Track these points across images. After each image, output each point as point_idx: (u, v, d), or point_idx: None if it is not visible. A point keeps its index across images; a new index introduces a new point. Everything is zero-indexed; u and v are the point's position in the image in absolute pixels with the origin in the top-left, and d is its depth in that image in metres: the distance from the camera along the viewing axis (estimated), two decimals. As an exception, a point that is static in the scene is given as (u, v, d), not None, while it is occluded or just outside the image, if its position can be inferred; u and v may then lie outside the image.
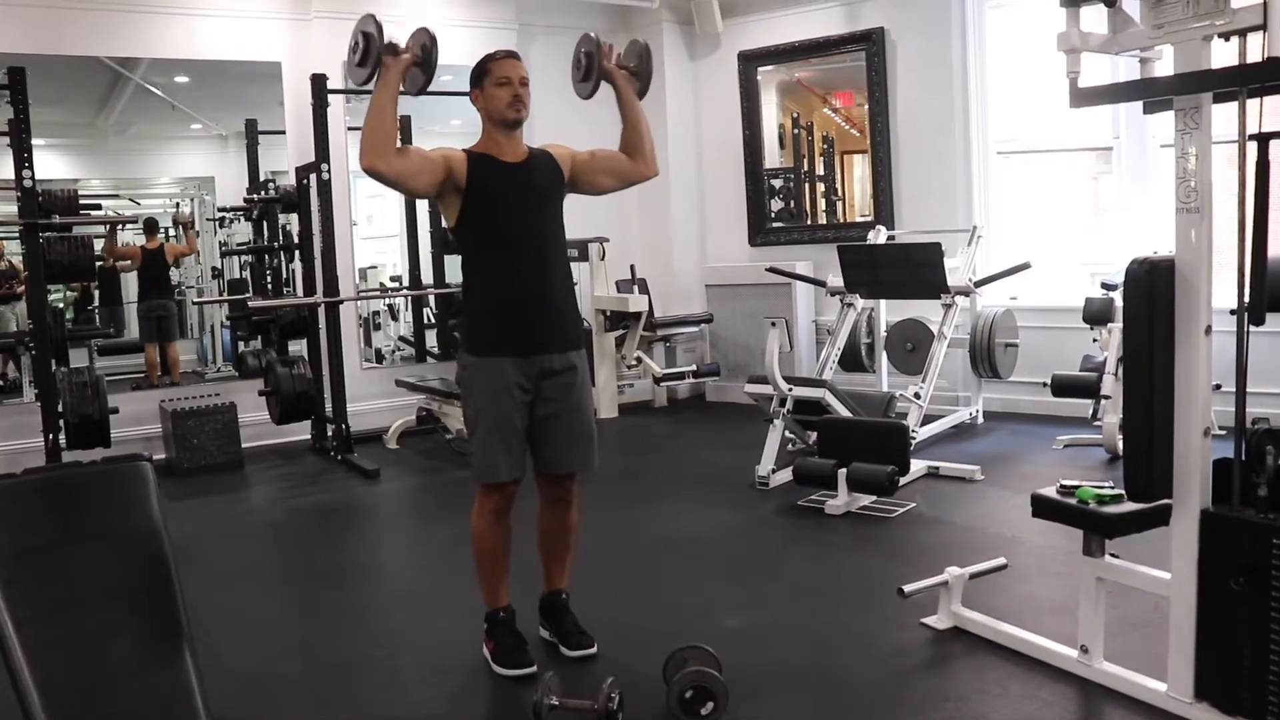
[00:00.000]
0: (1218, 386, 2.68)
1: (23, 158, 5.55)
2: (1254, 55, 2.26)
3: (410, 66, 3.08)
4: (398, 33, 3.11)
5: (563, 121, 3.39)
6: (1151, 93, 2.58)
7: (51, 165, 6.87)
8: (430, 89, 3.18)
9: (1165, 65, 2.53)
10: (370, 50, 3.04)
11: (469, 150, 3.16)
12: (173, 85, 7.41)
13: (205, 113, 7.79)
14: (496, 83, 3.13)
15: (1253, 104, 2.32)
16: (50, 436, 5.67)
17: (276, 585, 4.40)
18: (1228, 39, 2.32)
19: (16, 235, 6.18)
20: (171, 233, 7.93)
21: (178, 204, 8.09)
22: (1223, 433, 2.67)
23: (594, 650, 3.24)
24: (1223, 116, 2.41)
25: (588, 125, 3.91)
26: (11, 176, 5.61)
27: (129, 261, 7.68)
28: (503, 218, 3.12)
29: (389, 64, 3.03)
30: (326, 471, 6.24)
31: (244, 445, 6.48)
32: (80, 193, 6.30)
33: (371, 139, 2.96)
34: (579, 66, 3.34)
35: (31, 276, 5.80)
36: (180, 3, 6.66)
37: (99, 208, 6.52)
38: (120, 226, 7.41)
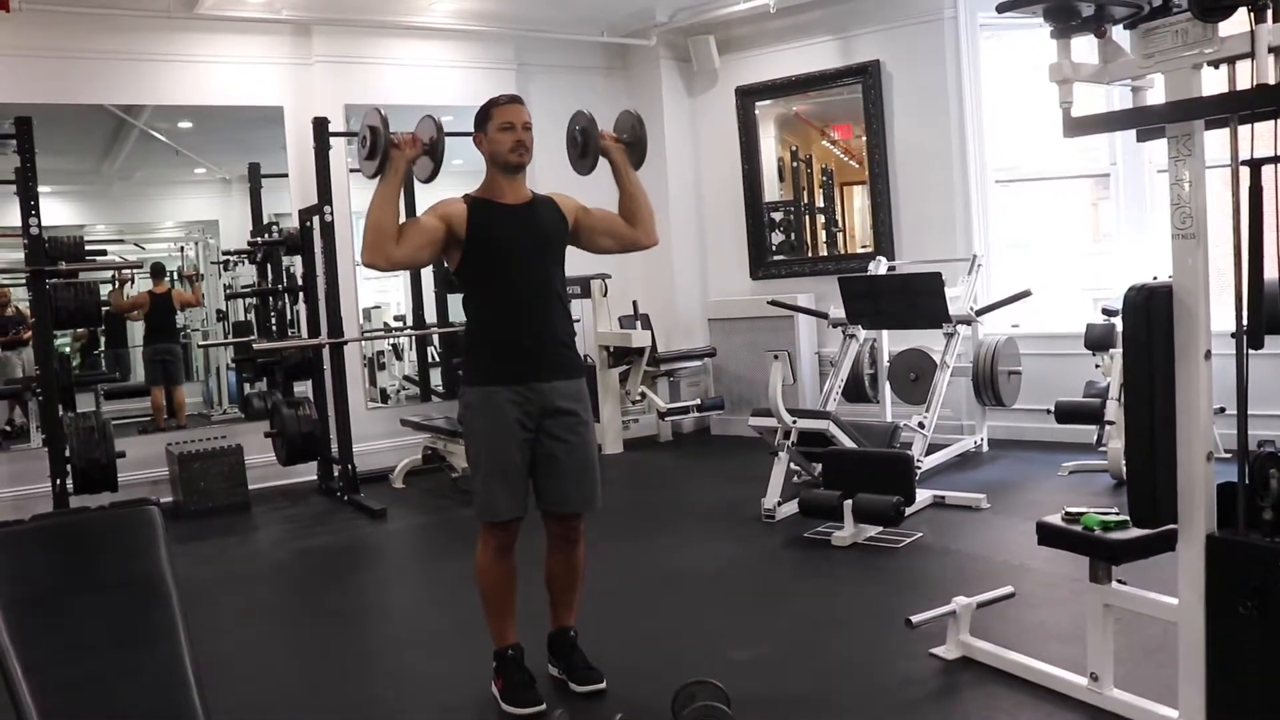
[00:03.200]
0: (1220, 410, 2.68)
1: (29, 205, 5.61)
2: (1243, 82, 2.28)
3: (417, 159, 3.13)
4: (400, 81, 3.15)
5: (563, 163, 3.42)
6: (1144, 121, 2.60)
7: (57, 212, 6.93)
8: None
9: (1157, 93, 2.56)
10: (377, 143, 3.09)
11: (471, 196, 3.20)
12: (176, 131, 7.48)
13: (209, 157, 7.86)
14: (500, 128, 3.16)
15: (1244, 130, 2.34)
16: (57, 482, 5.69)
17: (285, 627, 4.39)
18: (1217, 67, 2.35)
19: (23, 282, 6.22)
20: (177, 281, 7.97)
21: (182, 248, 8.14)
22: (1227, 456, 2.67)
23: (603, 686, 3.23)
24: (1216, 142, 2.44)
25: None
26: (18, 224, 5.66)
27: (137, 311, 7.71)
28: (503, 259, 3.14)
29: (395, 157, 3.07)
30: (333, 512, 6.24)
31: (250, 487, 6.48)
32: (86, 238, 6.35)
33: (373, 235, 3.02)
34: (575, 144, 3.38)
35: (38, 323, 5.83)
36: (183, 50, 6.73)
37: (105, 253, 6.56)
38: (130, 281, 7.47)
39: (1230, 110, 2.32)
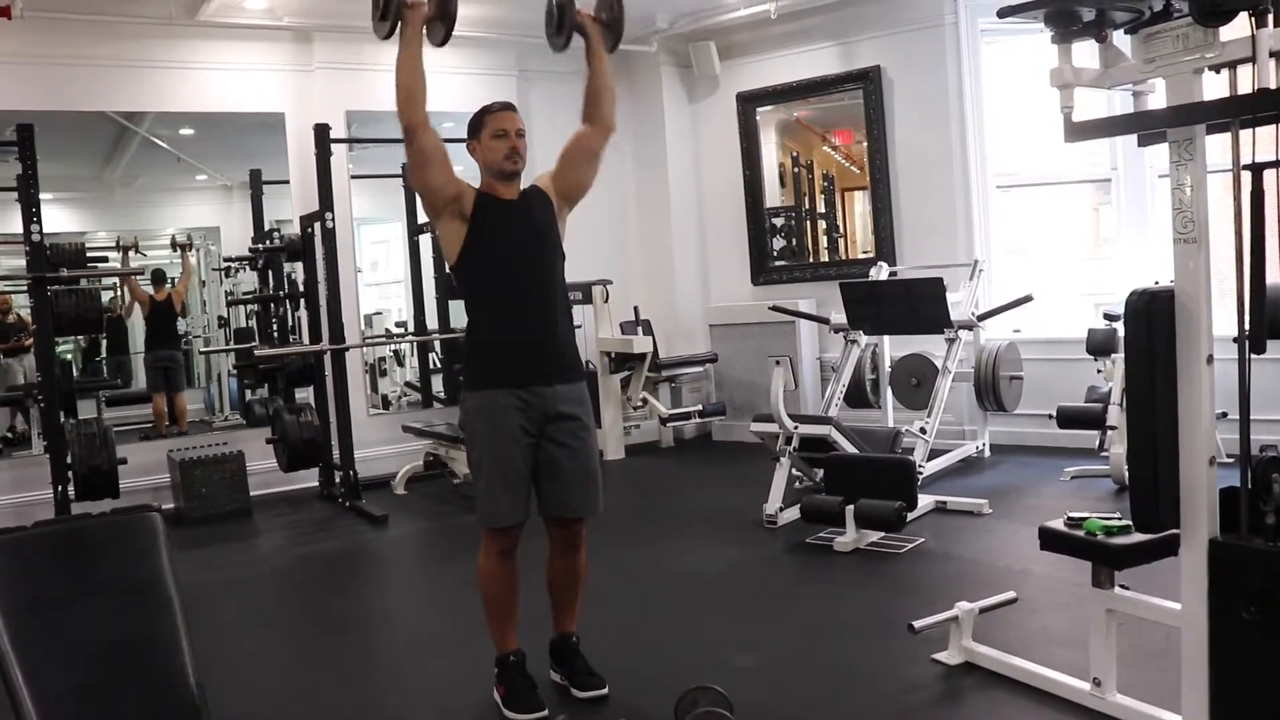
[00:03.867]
0: (1223, 414, 2.68)
1: (31, 212, 5.61)
2: (1244, 87, 2.28)
3: (431, 19, 3.12)
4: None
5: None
6: (1145, 126, 2.60)
7: (59, 219, 6.94)
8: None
9: (1158, 98, 2.56)
10: (390, 5, 3.08)
11: (477, 189, 3.20)
12: (178, 138, 7.49)
13: (210, 164, 7.88)
14: (493, 135, 3.17)
15: (1246, 134, 2.34)
16: (59, 488, 5.69)
17: (287, 633, 4.38)
18: (1218, 71, 2.35)
19: (25, 289, 6.23)
20: (177, 282, 7.98)
21: (173, 238, 8.09)
22: (1229, 461, 2.67)
23: (605, 692, 3.22)
24: (1217, 147, 2.44)
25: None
26: (20, 231, 5.66)
27: (135, 302, 7.70)
28: (505, 253, 3.14)
29: (409, 17, 3.07)
30: (335, 518, 6.24)
31: (252, 493, 6.48)
32: (87, 245, 6.36)
33: (405, 94, 3.04)
34: (551, 19, 3.36)
35: (40, 329, 5.84)
36: (185, 57, 6.75)
37: (106, 260, 6.57)
38: (130, 273, 7.46)
39: (1231, 115, 2.32)
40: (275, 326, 7.68)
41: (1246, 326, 2.37)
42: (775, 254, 8.12)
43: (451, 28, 3.17)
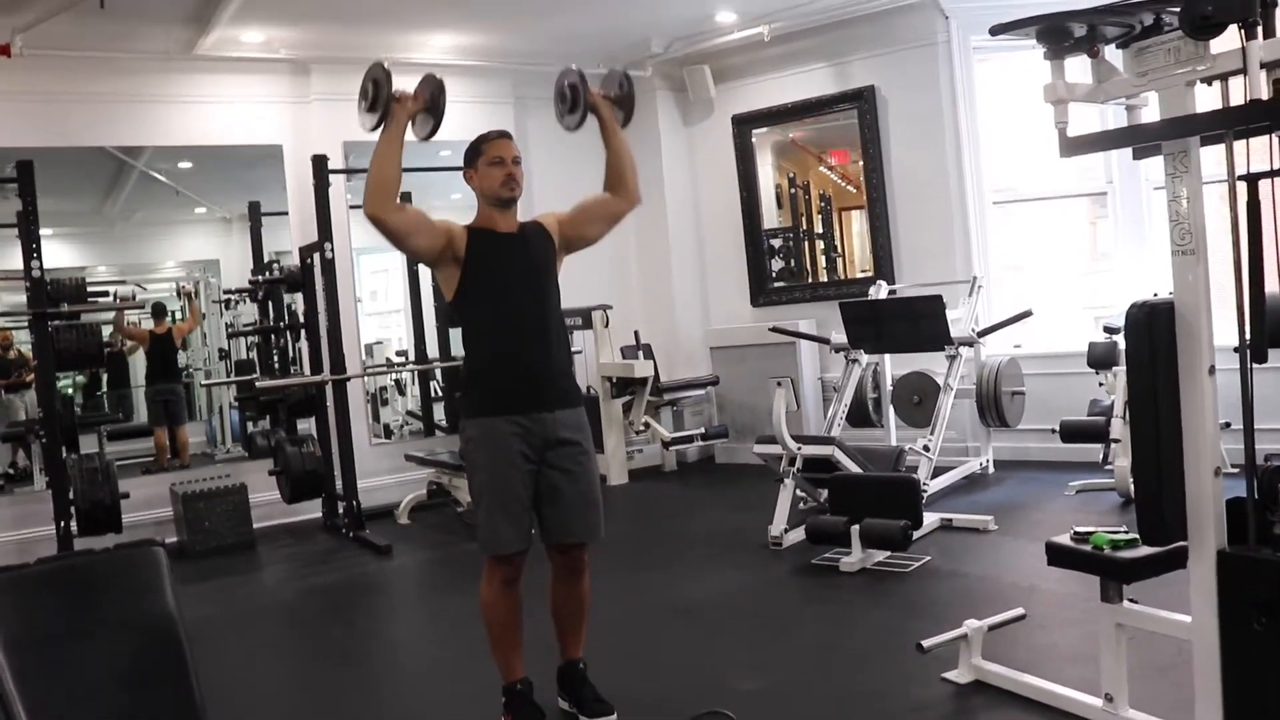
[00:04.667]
0: (1226, 425, 2.67)
1: (31, 249, 5.63)
2: (1237, 98, 2.29)
3: (418, 113, 3.15)
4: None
5: (559, 193, 3.45)
6: (1139, 139, 2.61)
7: (59, 254, 6.95)
8: (428, 166, 3.23)
9: (1152, 111, 2.57)
10: (379, 97, 3.10)
11: (468, 225, 3.21)
12: (176, 171, 7.52)
13: (209, 196, 7.90)
14: (490, 162, 3.18)
15: (1240, 145, 2.35)
16: (61, 524, 5.68)
17: (292, 666, 4.36)
18: (1210, 83, 2.35)
19: (25, 325, 6.24)
20: (178, 315, 7.99)
21: (178, 285, 8.13)
22: (1234, 471, 2.67)
23: (613, 718, 3.20)
24: (1212, 158, 2.44)
25: (585, 194, 3.94)
26: (20, 267, 5.67)
27: (135, 343, 7.72)
28: (501, 288, 3.15)
29: (396, 110, 3.09)
30: (339, 549, 6.22)
31: (255, 525, 6.47)
32: (87, 279, 6.37)
33: (375, 185, 3.03)
34: (564, 99, 3.39)
35: (41, 365, 5.84)
36: (183, 91, 6.79)
37: (107, 294, 6.58)
38: (129, 307, 7.48)
39: (1225, 126, 2.33)
40: (276, 358, 7.68)
41: (1247, 336, 2.37)
42: (774, 275, 8.13)
43: (440, 122, 3.21)
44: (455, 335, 7.70)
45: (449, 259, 3.14)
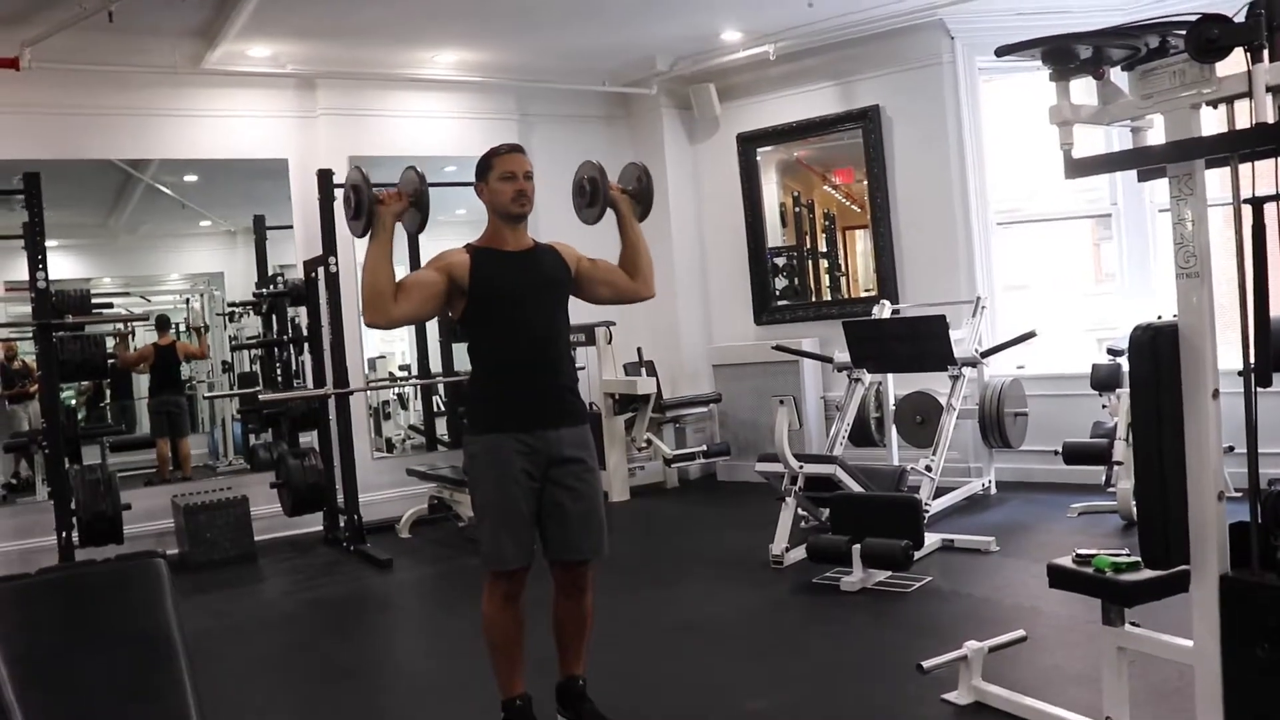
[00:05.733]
0: (1230, 448, 2.66)
1: (37, 260, 5.64)
2: (1242, 121, 2.30)
3: (403, 211, 3.14)
4: (403, 131, 3.17)
5: (564, 211, 3.45)
6: (1144, 161, 2.62)
7: (64, 265, 6.97)
8: (435, 180, 3.23)
9: (1157, 134, 2.57)
10: (361, 202, 3.11)
11: (473, 245, 3.21)
12: (182, 184, 7.55)
13: (214, 210, 7.92)
14: (501, 177, 3.18)
15: (1245, 168, 2.35)
16: (63, 534, 5.68)
17: (292, 680, 4.35)
18: (1215, 106, 2.36)
19: (30, 335, 6.25)
20: (183, 331, 8.01)
21: (188, 299, 8.17)
22: (1238, 495, 2.66)
23: (612, 736, 3.19)
24: (1216, 181, 2.45)
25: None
26: (25, 278, 5.69)
27: (142, 365, 7.74)
28: (508, 306, 3.15)
29: (381, 213, 3.09)
30: (339, 563, 6.21)
31: (256, 538, 6.46)
32: (92, 291, 6.38)
33: (372, 296, 3.03)
34: (583, 193, 3.39)
35: (45, 376, 5.85)
36: (189, 105, 6.81)
37: (111, 306, 6.60)
38: (131, 333, 7.51)
39: (1230, 149, 2.33)
40: (279, 371, 7.69)
41: (1252, 360, 2.36)
42: (778, 293, 8.13)
43: (426, 215, 3.20)
44: (459, 350, 7.73)
45: (455, 294, 3.15)
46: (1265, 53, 2.21)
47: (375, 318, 3.05)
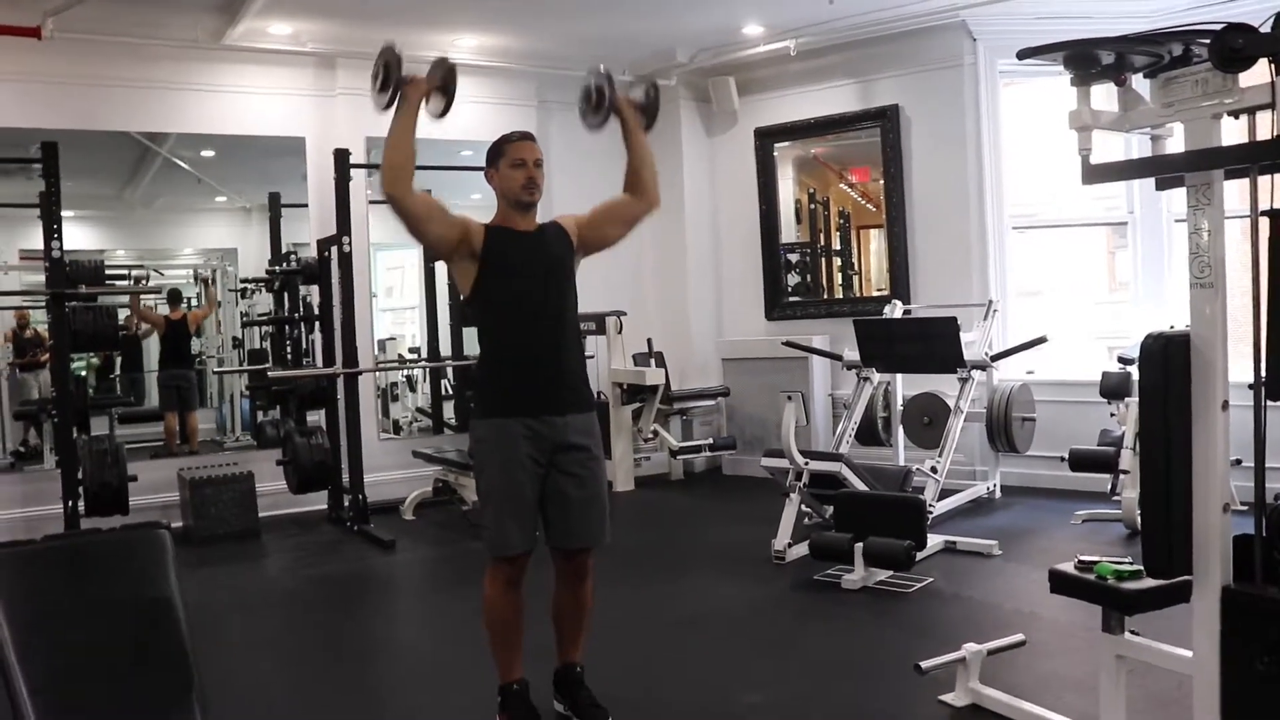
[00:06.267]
0: (1237, 462, 2.66)
1: (52, 229, 5.66)
2: (1264, 133, 2.28)
3: (429, 93, 3.16)
4: (420, 133, 3.18)
5: (580, 198, 3.45)
6: (1163, 170, 2.60)
7: (79, 237, 7.00)
8: (449, 165, 3.25)
9: (1176, 142, 2.56)
10: (390, 77, 3.12)
11: (487, 224, 3.21)
12: (199, 159, 7.56)
13: (230, 186, 7.94)
14: (511, 164, 3.18)
15: (1264, 180, 2.34)
16: (69, 503, 5.70)
17: (290, 655, 4.37)
18: (1237, 117, 2.35)
19: (43, 305, 6.28)
20: (194, 302, 8.03)
21: (196, 271, 8.18)
22: (1243, 509, 2.65)
23: (608, 724, 3.20)
24: (1234, 192, 2.44)
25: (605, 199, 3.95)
26: (41, 247, 5.71)
27: (150, 326, 7.76)
28: (518, 288, 3.15)
29: (408, 92, 3.12)
30: (342, 542, 6.23)
31: (261, 514, 6.48)
32: (106, 263, 6.40)
33: (390, 165, 3.06)
34: (589, 100, 3.38)
35: (56, 345, 5.87)
36: (209, 80, 6.83)
37: (125, 278, 6.62)
38: (144, 283, 7.53)
39: (1250, 161, 2.32)
40: (289, 349, 7.71)
41: (1263, 373, 2.36)
42: (790, 289, 8.13)
43: (451, 102, 3.23)
44: (468, 334, 7.74)
45: (465, 254, 3.14)
46: (1290, 64, 2.20)
47: (391, 186, 3.06)
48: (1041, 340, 5.81)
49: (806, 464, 5.30)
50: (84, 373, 7.64)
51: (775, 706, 3.43)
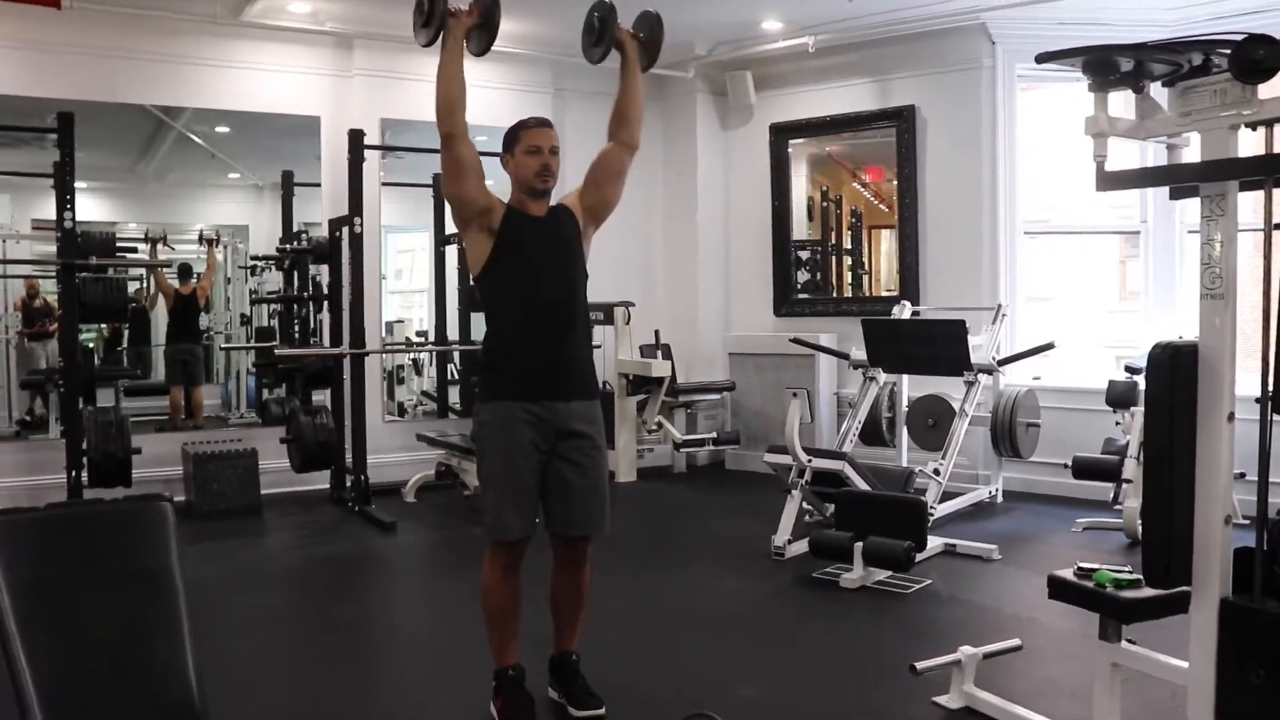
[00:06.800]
0: (1241, 475, 2.65)
1: (65, 200, 5.67)
2: (1281, 146, 2.28)
3: (474, 28, 3.16)
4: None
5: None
6: (1178, 179, 2.60)
7: (91, 208, 7.01)
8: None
9: (1192, 152, 2.55)
10: (434, 10, 3.11)
11: (508, 203, 3.22)
12: (213, 135, 7.57)
13: (243, 162, 7.95)
14: (527, 150, 3.18)
15: (1278, 193, 2.33)
16: (73, 473, 5.72)
17: (287, 633, 4.38)
18: (1255, 128, 2.34)
19: (54, 274, 6.29)
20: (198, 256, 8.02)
21: (201, 232, 8.15)
22: (1245, 523, 2.65)
23: (602, 712, 3.21)
24: (1248, 205, 2.43)
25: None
26: (53, 217, 5.72)
27: (162, 297, 7.78)
28: (528, 272, 3.15)
29: (453, 25, 3.11)
30: (343, 522, 6.25)
31: (263, 492, 6.51)
32: (117, 235, 6.41)
33: (444, 101, 3.10)
34: (591, 31, 3.39)
35: (65, 315, 5.89)
36: (226, 56, 6.83)
37: (135, 250, 6.64)
38: (159, 264, 7.54)
39: (1266, 173, 2.31)
40: (297, 327, 7.72)
41: (1270, 387, 2.35)
42: (799, 286, 8.12)
43: (494, 37, 3.23)
44: (476, 319, 7.74)
45: (483, 225, 3.14)
46: (1310, 77, 2.19)
47: (449, 124, 3.10)
48: (1049, 346, 5.81)
49: (809, 461, 5.30)
50: (92, 344, 7.66)
51: (768, 701, 3.43)
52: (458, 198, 3.16)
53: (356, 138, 6.48)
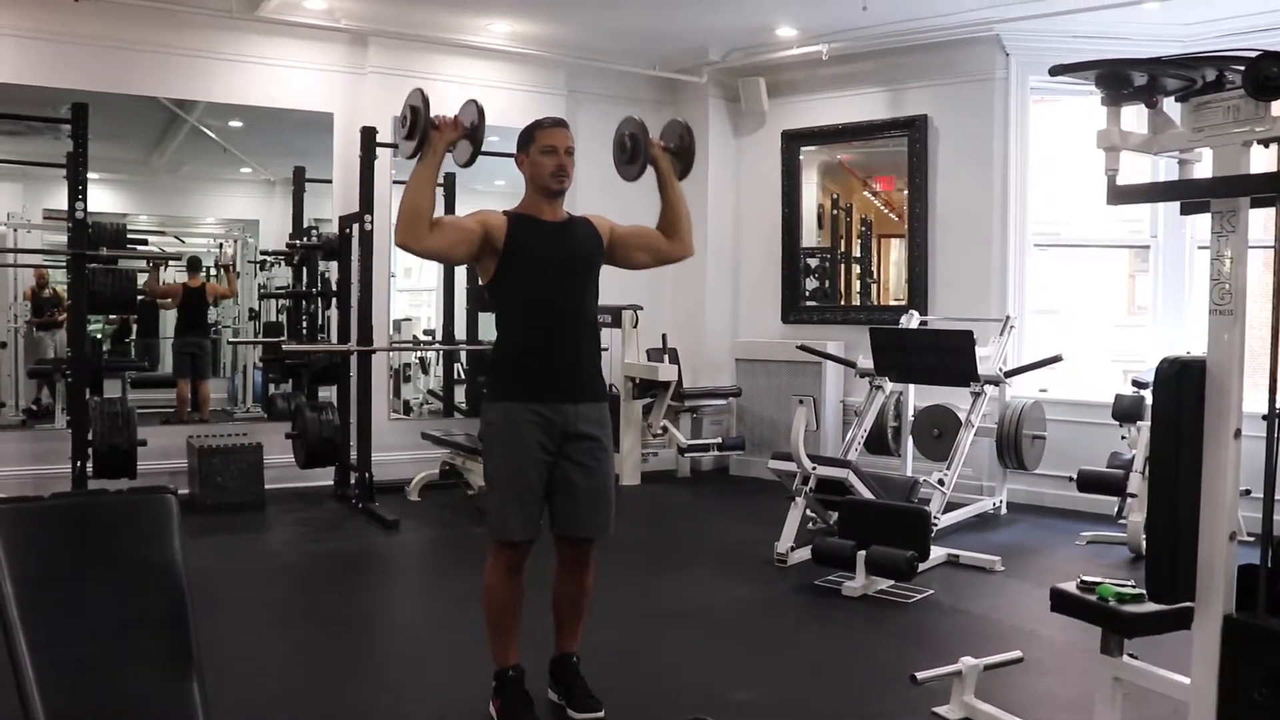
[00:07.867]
0: (1246, 492, 2.64)
1: (77, 190, 5.69)
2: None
3: (456, 141, 3.13)
4: (450, 97, 3.16)
5: (605, 189, 3.45)
6: (1189, 194, 2.59)
7: (103, 199, 7.03)
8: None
9: (1204, 167, 2.55)
10: (418, 123, 3.10)
11: (510, 211, 3.21)
12: (226, 129, 7.59)
13: (255, 157, 7.96)
14: (542, 150, 3.18)
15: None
16: (78, 464, 5.74)
17: (288, 629, 4.39)
18: (1267, 145, 2.33)
19: (64, 265, 6.31)
20: (213, 273, 8.07)
21: (220, 244, 8.23)
22: (1249, 540, 2.64)
23: (601, 714, 3.21)
24: (1258, 222, 2.42)
25: (632, 191, 3.94)
26: (64, 207, 5.74)
27: (169, 300, 7.81)
28: (539, 275, 3.16)
29: (434, 138, 3.07)
30: (347, 519, 6.25)
31: (267, 486, 6.51)
32: (128, 227, 6.43)
33: (407, 216, 3.01)
34: (624, 149, 3.39)
35: (74, 306, 5.91)
36: (241, 50, 6.85)
37: (145, 243, 6.66)
38: (164, 265, 7.57)
39: (1278, 190, 2.31)
40: (305, 323, 7.74)
41: (1277, 404, 2.34)
42: (807, 294, 8.11)
43: (478, 151, 3.18)
44: (484, 319, 7.75)
45: (488, 252, 3.15)
46: (1323, 95, 2.18)
47: (407, 239, 3.02)
48: (1056, 359, 5.79)
49: (814, 469, 5.29)
50: (100, 335, 7.69)
51: (766, 706, 3.43)
52: (455, 263, 3.18)
53: (369, 135, 6.49)
